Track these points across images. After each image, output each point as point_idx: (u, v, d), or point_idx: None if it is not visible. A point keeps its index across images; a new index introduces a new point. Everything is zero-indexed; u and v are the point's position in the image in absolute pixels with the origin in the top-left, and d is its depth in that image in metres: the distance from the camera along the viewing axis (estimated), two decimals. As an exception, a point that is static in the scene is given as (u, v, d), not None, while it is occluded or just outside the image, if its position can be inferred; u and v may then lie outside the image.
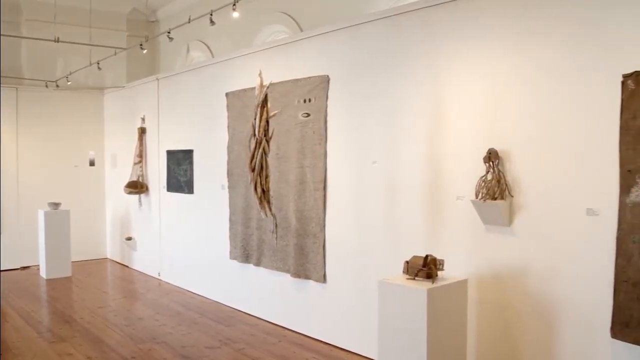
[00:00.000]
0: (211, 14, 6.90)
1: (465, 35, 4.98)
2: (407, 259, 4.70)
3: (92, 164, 12.06)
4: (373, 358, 5.62)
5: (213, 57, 10.55)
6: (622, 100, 3.98)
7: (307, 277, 6.56)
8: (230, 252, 7.99)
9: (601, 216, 4.11)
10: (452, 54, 5.09)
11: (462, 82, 5.00)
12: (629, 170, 3.93)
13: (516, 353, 4.67)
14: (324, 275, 6.36)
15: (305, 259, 6.56)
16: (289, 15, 8.73)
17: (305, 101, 6.53)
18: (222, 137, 8.08)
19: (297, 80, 6.66)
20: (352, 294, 6.06)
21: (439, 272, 4.60)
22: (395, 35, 5.59)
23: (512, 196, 4.62)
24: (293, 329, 6.88)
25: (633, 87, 3.92)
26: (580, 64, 4.23)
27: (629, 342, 3.97)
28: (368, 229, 5.88)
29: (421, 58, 5.34)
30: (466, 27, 4.97)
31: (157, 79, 10.20)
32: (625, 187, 3.95)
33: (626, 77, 3.96)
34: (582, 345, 4.28)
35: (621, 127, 3.98)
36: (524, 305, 4.62)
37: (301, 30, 8.15)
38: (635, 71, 3.90)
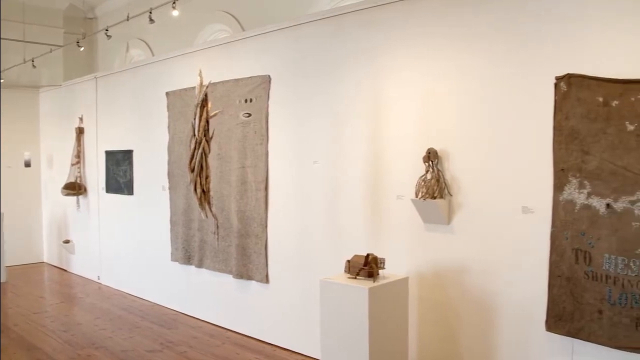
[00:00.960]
0: (150, 12, 6.79)
1: (405, 37, 5.03)
2: (349, 258, 4.72)
3: (27, 165, 11.67)
4: (316, 357, 5.62)
5: (153, 55, 10.36)
6: (555, 101, 4.10)
7: (249, 278, 6.52)
8: (172, 254, 7.86)
9: (536, 214, 4.22)
10: (392, 55, 5.14)
11: (402, 83, 5.05)
12: (562, 169, 4.05)
13: (456, 348, 4.75)
14: (267, 276, 6.33)
15: (247, 259, 6.51)
16: (231, 15, 8.65)
17: (246, 101, 6.49)
18: (163, 137, 7.94)
19: (238, 80, 6.60)
20: (294, 293, 6.05)
21: (380, 271, 4.63)
22: (336, 36, 5.61)
23: (451, 195, 4.70)
24: (236, 331, 6.82)
25: (565, 89, 4.04)
26: (516, 66, 4.33)
27: (562, 335, 4.10)
28: (310, 228, 5.88)
29: (362, 59, 5.37)
30: (406, 28, 5.02)
31: (95, 77, 9.95)
32: (558, 186, 4.08)
33: (559, 79, 4.08)
34: (519, 339, 4.39)
35: (554, 128, 4.10)
36: (463, 301, 4.71)
37: (243, 30, 8.09)
38: (567, 73, 4.03)
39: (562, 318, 4.09)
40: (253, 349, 6.24)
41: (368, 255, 4.61)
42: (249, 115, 6.44)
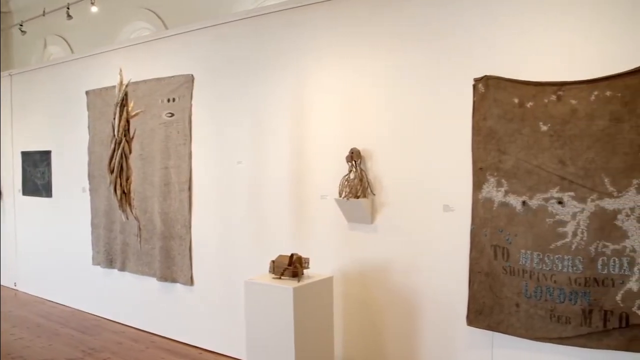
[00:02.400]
0: (68, 8, 6.54)
1: (329, 37, 5.04)
2: (274, 259, 4.70)
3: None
4: (242, 359, 5.57)
5: (73, 52, 9.99)
6: (474, 102, 4.21)
7: (174, 281, 6.39)
8: (93, 258, 7.59)
9: (456, 212, 4.32)
10: (315, 55, 5.14)
11: (325, 83, 5.07)
12: (481, 168, 4.16)
13: (381, 345, 4.81)
14: (191, 278, 6.22)
15: (171, 262, 6.38)
16: (153, 12, 8.43)
17: (169, 100, 6.35)
18: (83, 137, 7.66)
19: (160, 79, 6.45)
20: (220, 295, 5.97)
21: (305, 271, 4.63)
22: (260, 36, 5.57)
23: (373, 194, 4.75)
24: (161, 335, 6.67)
25: (483, 91, 4.15)
26: (437, 67, 4.42)
27: (482, 328, 4.21)
28: (235, 229, 5.82)
29: (285, 59, 5.35)
30: (329, 29, 5.04)
31: (10, 74, 9.49)
32: (477, 184, 4.18)
33: (477, 80, 4.19)
34: (441, 334, 4.48)
35: (473, 128, 4.21)
36: (387, 298, 4.76)
37: (166, 28, 7.91)
38: (485, 75, 4.14)
39: (482, 312, 4.20)
40: (179, 353, 6.12)
41: (292, 255, 4.60)
42: (172, 115, 6.31)
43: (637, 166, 3.59)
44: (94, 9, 6.26)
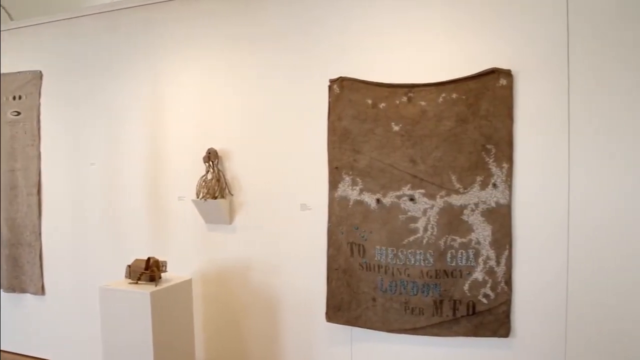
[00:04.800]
0: None
1: (185, 36, 4.84)
2: (130, 263, 4.45)
3: None
4: (100, 369, 5.25)
5: None
6: (329, 103, 4.20)
7: (22, 291, 5.86)
8: None
9: (313, 210, 4.30)
10: (172, 54, 4.91)
11: (181, 83, 4.86)
12: (336, 167, 4.16)
13: (243, 344, 4.69)
14: (42, 287, 5.74)
15: (20, 270, 5.85)
16: (-3, 4, 7.77)
17: (14, 98, 5.82)
18: None
19: (5, 74, 5.88)
20: (74, 303, 5.54)
21: (163, 274, 4.43)
22: (115, 32, 5.22)
23: (232, 195, 4.63)
24: (10, 350, 6.08)
25: (338, 92, 4.16)
26: (294, 68, 4.37)
27: (341, 324, 4.21)
28: (89, 234, 5.43)
29: (141, 57, 5.07)
30: (186, 27, 4.83)
31: None
32: (333, 183, 4.18)
33: (332, 82, 4.19)
34: (302, 331, 4.44)
35: (329, 128, 4.20)
36: (248, 298, 4.65)
37: (11, 20, 7.29)
38: (340, 77, 4.15)
39: (340, 308, 4.21)
40: (29, 368, 5.66)
41: (149, 258, 4.38)
42: (18, 113, 5.80)
43: (480, 164, 3.76)
44: None
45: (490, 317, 3.82)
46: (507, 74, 3.70)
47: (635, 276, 3.51)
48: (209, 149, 4.56)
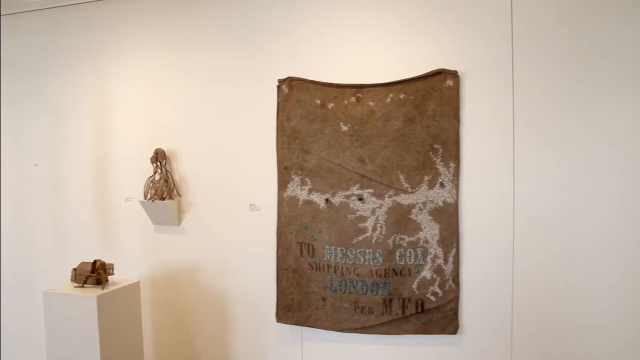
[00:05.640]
0: None
1: (133, 36, 4.68)
2: (75, 266, 4.31)
3: None
4: (43, 376, 5.06)
5: None
6: (278, 103, 4.15)
7: (-40, 296, 5.63)
8: None
9: (263, 211, 4.24)
10: (118, 53, 4.74)
11: (128, 82, 4.70)
12: (285, 167, 4.12)
13: (193, 346, 4.60)
14: (-18, 292, 5.52)
15: (-43, 275, 5.61)
16: None
17: (-51, 97, 5.56)
18: None
19: (-62, 73, 5.63)
20: (16, 310, 5.32)
21: (110, 277, 4.30)
22: (59, 30, 5.01)
23: (180, 195, 4.52)
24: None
25: (287, 92, 4.11)
26: (243, 68, 4.29)
27: (291, 324, 4.17)
28: (33, 237, 5.21)
29: (87, 55, 4.88)
30: (132, 26, 4.68)
31: None
32: (282, 183, 4.13)
33: (281, 82, 4.13)
34: (253, 332, 4.38)
35: (277, 128, 4.14)
36: (198, 299, 4.56)
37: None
38: (289, 77, 4.10)
39: (290, 309, 4.17)
40: (-33, 376, 5.41)
41: (95, 261, 4.24)
42: (-47, 113, 5.54)
43: (428, 164, 3.78)
44: None
45: (438, 314, 3.86)
46: (454, 75, 3.73)
47: (577, 271, 3.61)
48: (156, 150, 4.45)
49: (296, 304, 4.14)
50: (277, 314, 4.21)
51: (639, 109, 3.49)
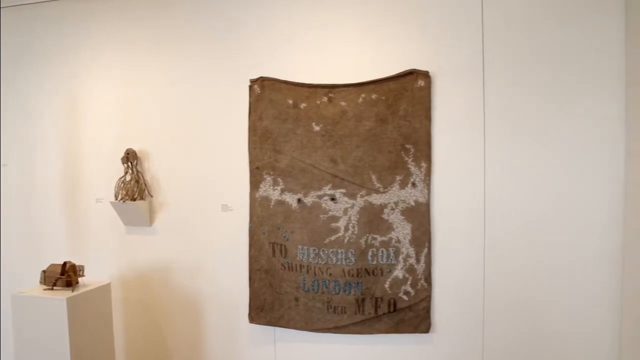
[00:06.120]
0: None
1: (105, 34, 4.60)
2: (45, 269, 4.23)
3: None
4: (12, 379, 4.96)
5: None
6: (250, 103, 4.11)
7: None
8: None
9: (235, 211, 4.21)
10: (91, 51, 4.66)
11: (99, 82, 4.62)
12: (257, 167, 4.08)
13: (165, 347, 4.54)
14: (-51, 295, 5.39)
15: None
16: None
17: None
18: None
19: None
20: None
21: (81, 279, 4.23)
22: (30, 28, 4.93)
23: (151, 196, 4.46)
24: None
25: (259, 92, 4.08)
26: (214, 68, 4.25)
27: (264, 325, 4.15)
28: (2, 240, 5.13)
29: (58, 53, 4.79)
30: (105, 25, 4.60)
31: None
32: (254, 183, 4.09)
33: (253, 82, 4.10)
34: (225, 332, 4.34)
35: (249, 128, 4.11)
36: (170, 300, 4.51)
37: None
38: (261, 77, 4.07)
39: (263, 309, 4.14)
40: None
41: (65, 263, 4.16)
42: None
43: (400, 163, 3.77)
44: None
45: (411, 313, 3.86)
46: (425, 75, 3.74)
47: (548, 268, 3.64)
48: (127, 150, 4.38)
49: (269, 304, 4.12)
50: (249, 314, 4.18)
51: (609, 109, 3.52)
